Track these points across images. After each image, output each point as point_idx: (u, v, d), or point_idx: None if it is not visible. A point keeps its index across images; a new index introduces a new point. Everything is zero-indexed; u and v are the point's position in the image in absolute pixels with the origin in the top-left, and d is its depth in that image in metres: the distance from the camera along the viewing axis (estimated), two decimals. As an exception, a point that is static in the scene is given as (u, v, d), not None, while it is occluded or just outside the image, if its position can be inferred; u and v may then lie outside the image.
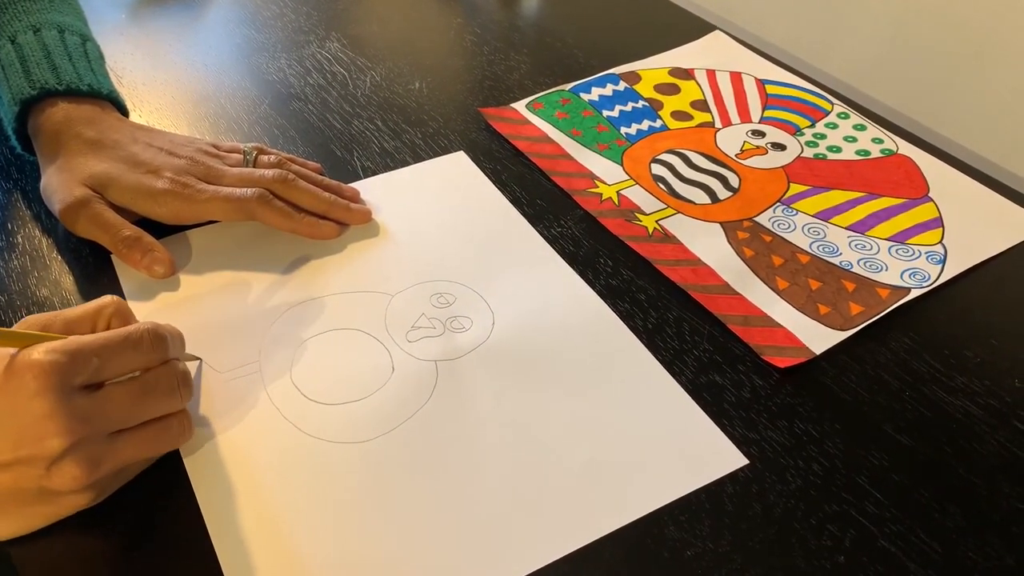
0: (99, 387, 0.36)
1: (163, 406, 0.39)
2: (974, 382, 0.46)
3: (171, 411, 0.39)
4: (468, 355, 0.46)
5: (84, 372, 0.35)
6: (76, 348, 0.35)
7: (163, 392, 0.38)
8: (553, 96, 0.68)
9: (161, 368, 0.39)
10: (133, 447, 0.37)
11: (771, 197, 0.58)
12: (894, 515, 0.39)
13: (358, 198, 0.56)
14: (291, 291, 0.50)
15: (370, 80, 0.69)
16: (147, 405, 0.38)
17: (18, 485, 0.35)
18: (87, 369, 0.35)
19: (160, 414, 0.39)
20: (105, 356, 0.36)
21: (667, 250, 0.53)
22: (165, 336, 0.39)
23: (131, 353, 0.37)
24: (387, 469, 0.41)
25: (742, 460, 0.41)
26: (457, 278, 0.51)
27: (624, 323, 0.48)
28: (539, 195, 0.58)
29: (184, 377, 0.40)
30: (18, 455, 0.34)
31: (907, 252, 0.53)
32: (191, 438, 0.41)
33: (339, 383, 0.45)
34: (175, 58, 0.72)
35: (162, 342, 0.39)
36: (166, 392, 0.38)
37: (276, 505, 0.39)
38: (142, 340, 0.38)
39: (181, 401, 0.39)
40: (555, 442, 0.42)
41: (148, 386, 0.38)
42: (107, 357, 0.36)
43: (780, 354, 0.46)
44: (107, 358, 0.36)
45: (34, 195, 0.55)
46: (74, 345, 0.35)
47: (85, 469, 0.35)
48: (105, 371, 0.36)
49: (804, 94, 0.68)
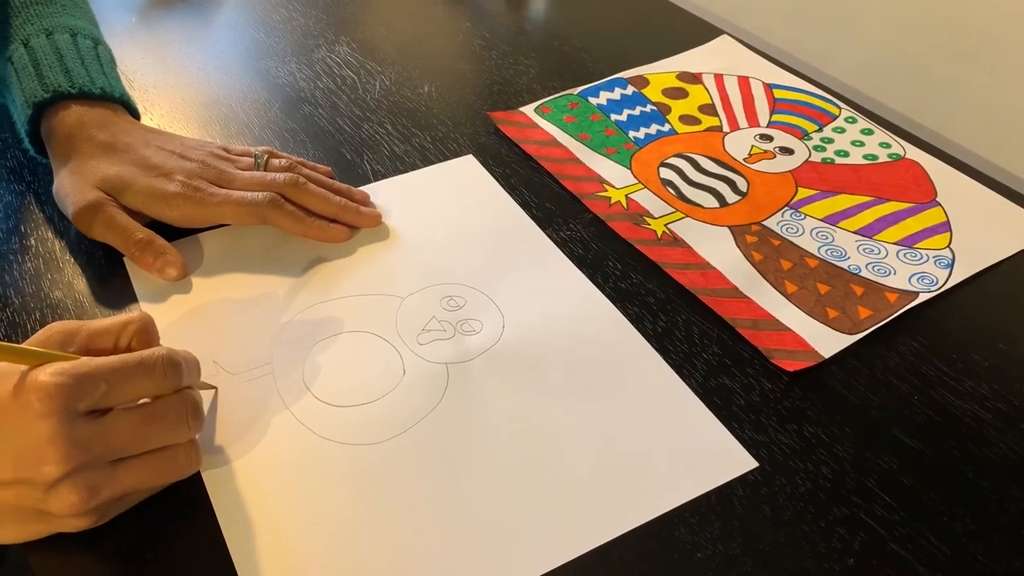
0: (106, 412, 0.35)
1: (170, 436, 0.37)
2: (982, 386, 0.46)
3: (178, 441, 0.38)
4: (479, 358, 0.47)
5: (90, 397, 0.34)
6: (84, 372, 0.34)
7: (171, 422, 0.37)
8: (561, 100, 0.68)
9: (172, 397, 0.37)
10: (135, 476, 0.36)
11: (779, 201, 0.58)
12: (903, 518, 0.39)
13: (368, 202, 0.56)
14: (302, 294, 0.50)
15: (379, 84, 0.70)
16: (153, 434, 0.37)
17: (19, 503, 0.34)
18: (94, 394, 0.34)
19: (166, 444, 0.37)
20: (115, 381, 0.35)
21: (676, 254, 0.53)
22: (180, 363, 0.38)
23: (142, 379, 0.36)
24: (399, 471, 0.41)
25: (752, 463, 0.41)
26: (467, 281, 0.51)
27: (634, 326, 0.48)
28: (548, 198, 0.58)
29: (194, 407, 0.38)
30: (17, 475, 0.33)
31: (915, 256, 0.53)
32: (198, 469, 0.39)
33: (351, 385, 0.45)
34: (185, 61, 0.72)
35: (176, 370, 0.37)
36: (174, 422, 0.37)
37: (288, 505, 0.39)
38: (155, 367, 0.37)
39: (189, 432, 0.38)
40: (566, 444, 0.42)
41: (156, 415, 0.37)
42: (116, 383, 0.35)
43: (789, 358, 0.46)
44: (116, 384, 0.35)
45: (47, 197, 0.55)
46: (83, 368, 0.34)
47: (83, 496, 0.34)
48: (113, 397, 0.35)
49: (811, 98, 0.68)
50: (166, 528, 0.39)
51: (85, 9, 0.62)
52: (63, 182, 0.51)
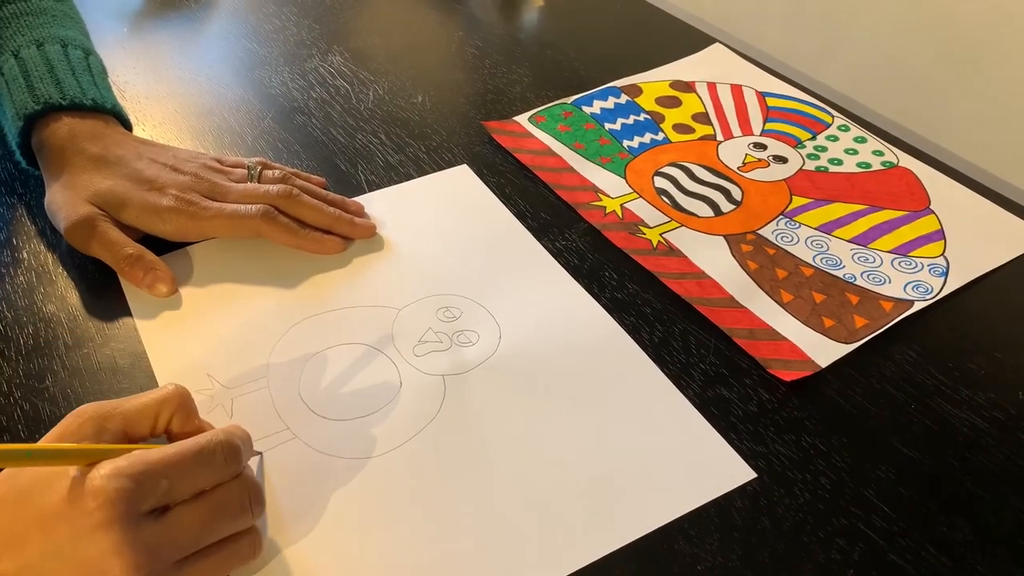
0: (166, 509, 0.33)
1: (234, 526, 0.35)
2: (978, 395, 0.46)
3: (242, 529, 0.36)
4: (475, 369, 0.46)
5: (153, 498, 0.32)
6: (143, 471, 0.32)
7: (235, 511, 0.35)
8: (555, 109, 0.68)
9: (233, 484, 0.35)
10: (202, 573, 0.34)
11: (774, 210, 0.58)
12: (902, 528, 0.39)
13: (363, 212, 0.56)
14: (298, 306, 0.50)
15: (373, 94, 0.69)
16: (218, 527, 0.34)
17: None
18: (156, 494, 0.32)
19: (230, 534, 0.35)
20: (176, 477, 0.33)
21: (672, 263, 0.53)
22: (239, 448, 0.36)
23: (204, 471, 0.34)
24: (397, 484, 0.41)
25: (750, 474, 0.41)
26: (463, 292, 0.51)
27: (630, 336, 0.48)
28: (543, 208, 0.58)
29: (256, 492, 0.36)
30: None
31: (910, 264, 0.53)
32: (260, 553, 0.37)
33: (348, 398, 0.45)
34: (178, 71, 0.72)
35: (236, 456, 0.35)
36: (237, 511, 0.35)
37: (287, 518, 0.39)
38: (215, 455, 0.34)
39: (253, 518, 0.36)
40: (563, 456, 0.42)
41: (219, 507, 0.34)
42: (178, 478, 0.33)
43: (786, 367, 0.46)
44: (178, 479, 0.33)
45: (39, 210, 0.55)
46: (140, 467, 0.32)
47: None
48: (175, 493, 0.33)
49: (804, 106, 0.69)
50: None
51: (76, 19, 0.62)
52: (55, 196, 0.51)
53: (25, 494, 0.32)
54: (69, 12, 0.61)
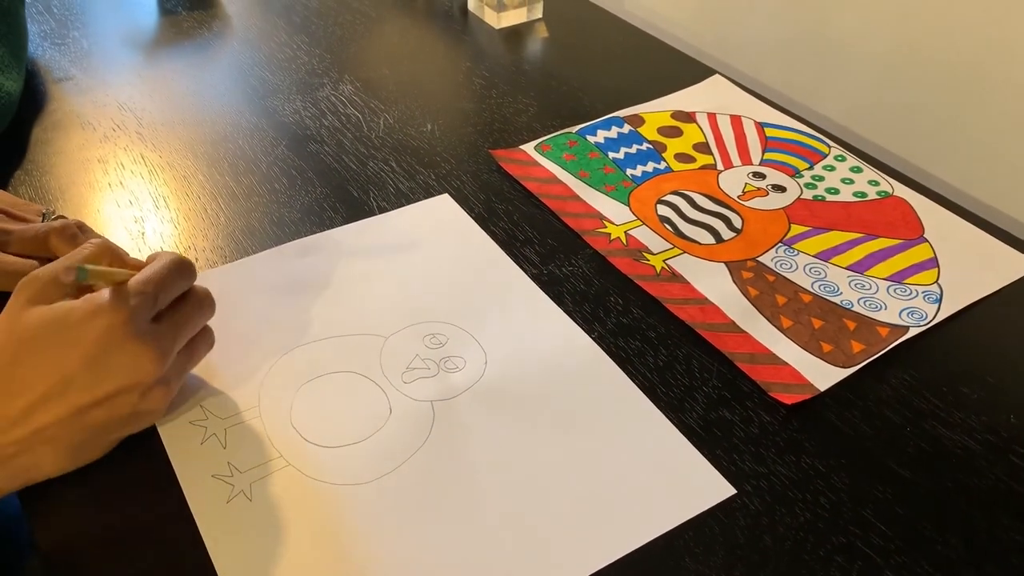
0: (159, 317, 0.43)
1: (204, 319, 0.46)
2: (972, 418, 0.47)
3: (207, 321, 0.46)
4: (463, 395, 0.48)
5: (154, 308, 0.42)
6: (141, 289, 0.41)
7: (203, 308, 0.45)
8: (560, 138, 0.70)
9: (196, 288, 0.45)
10: (192, 359, 0.46)
11: (773, 238, 0.60)
12: (899, 547, 0.41)
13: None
14: (287, 335, 0.51)
15: (383, 122, 0.72)
16: (197, 321, 0.45)
17: (110, 416, 0.41)
18: (155, 305, 0.42)
19: (202, 327, 0.46)
20: (163, 290, 0.42)
21: (675, 289, 0.55)
22: (190, 260, 0.45)
23: (179, 282, 0.44)
24: (388, 510, 0.42)
25: (730, 490, 0.43)
26: (448, 318, 0.53)
27: (607, 356, 0.50)
28: (550, 235, 0.60)
29: (208, 292, 0.46)
30: (120, 385, 0.40)
31: (905, 291, 0.55)
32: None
33: (338, 426, 0.46)
34: (192, 99, 0.74)
35: (192, 266, 0.45)
36: (205, 307, 0.46)
37: (279, 546, 0.40)
38: (184, 266, 0.44)
39: (212, 313, 0.46)
40: (550, 479, 0.43)
41: (195, 306, 0.45)
42: (164, 291, 0.43)
43: (786, 391, 0.48)
44: (164, 291, 0.43)
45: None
46: (139, 287, 0.41)
47: (171, 387, 0.44)
48: (161, 303, 0.43)
49: (802, 136, 0.71)
50: (156, 571, 0.39)
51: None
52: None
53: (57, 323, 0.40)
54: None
